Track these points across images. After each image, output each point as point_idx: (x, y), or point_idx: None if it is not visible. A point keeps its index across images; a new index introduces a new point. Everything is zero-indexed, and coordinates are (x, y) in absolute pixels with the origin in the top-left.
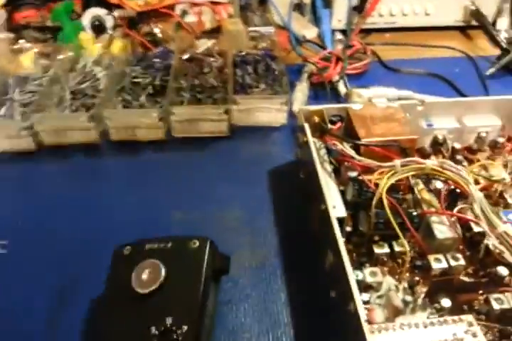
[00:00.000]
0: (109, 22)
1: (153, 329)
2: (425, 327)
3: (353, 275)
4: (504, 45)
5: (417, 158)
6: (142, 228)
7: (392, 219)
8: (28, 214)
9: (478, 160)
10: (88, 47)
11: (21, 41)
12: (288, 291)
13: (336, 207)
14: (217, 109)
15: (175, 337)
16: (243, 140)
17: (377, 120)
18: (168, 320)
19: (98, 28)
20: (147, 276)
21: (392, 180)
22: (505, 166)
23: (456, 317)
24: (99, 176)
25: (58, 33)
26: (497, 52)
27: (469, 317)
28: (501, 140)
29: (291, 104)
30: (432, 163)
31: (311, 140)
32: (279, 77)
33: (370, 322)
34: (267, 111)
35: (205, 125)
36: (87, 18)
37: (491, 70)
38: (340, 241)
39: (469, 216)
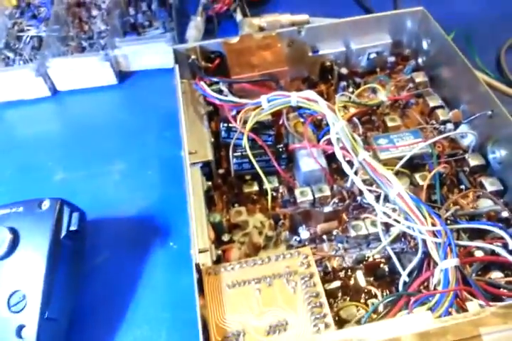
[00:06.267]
0: None
1: (3, 295)
2: (261, 263)
3: (194, 221)
4: None
5: (281, 92)
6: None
7: (251, 158)
8: None
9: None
10: None
11: None
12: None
13: (197, 152)
14: (97, 57)
15: (20, 299)
16: (133, 87)
17: (253, 53)
18: (16, 285)
19: None
20: None
21: (258, 117)
22: (397, 86)
23: (293, 251)
24: None
25: None
26: None
27: (306, 250)
28: (392, 59)
29: (186, 42)
30: (298, 94)
31: (179, 82)
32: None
33: (226, 260)
34: (154, 54)
35: (89, 75)
36: None
37: None
38: (191, 187)
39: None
